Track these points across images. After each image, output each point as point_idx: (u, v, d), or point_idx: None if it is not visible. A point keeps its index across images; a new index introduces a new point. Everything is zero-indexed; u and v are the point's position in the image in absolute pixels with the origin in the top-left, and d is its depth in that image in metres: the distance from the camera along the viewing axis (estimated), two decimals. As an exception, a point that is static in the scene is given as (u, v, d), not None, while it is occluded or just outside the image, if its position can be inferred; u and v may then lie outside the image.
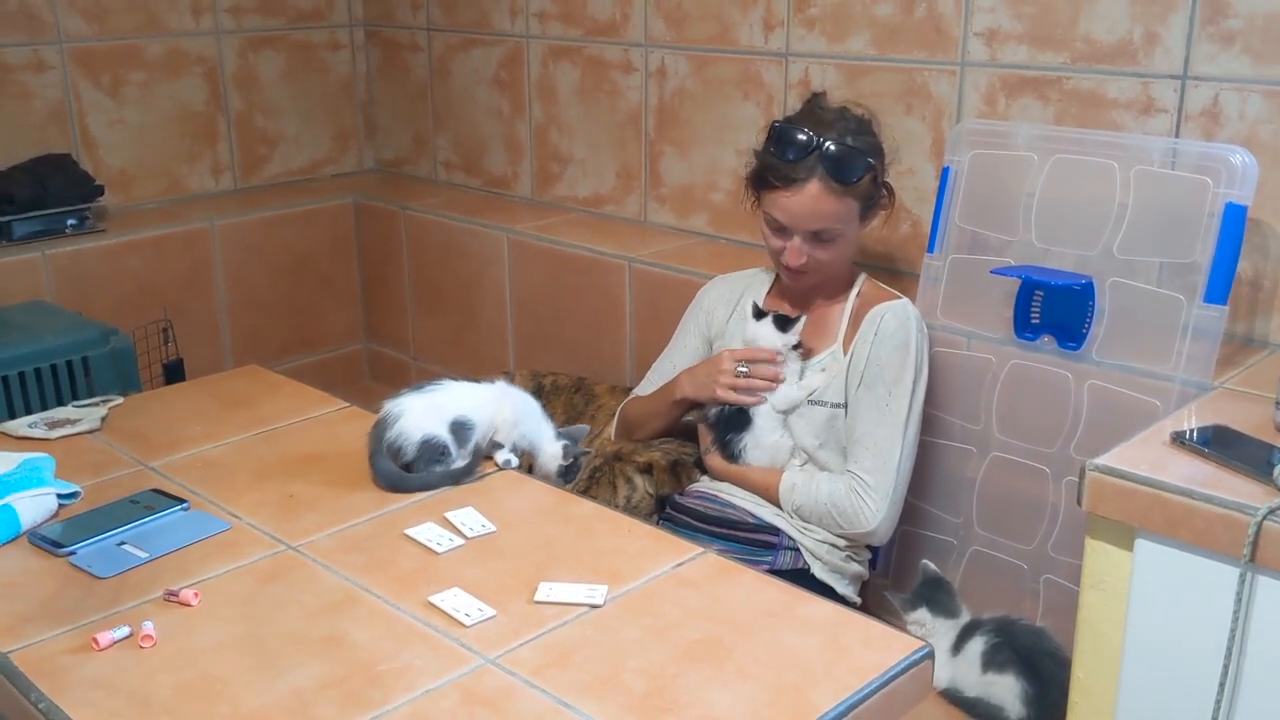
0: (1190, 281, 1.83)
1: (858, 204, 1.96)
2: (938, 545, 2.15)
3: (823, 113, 1.99)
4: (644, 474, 2.10)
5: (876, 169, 1.96)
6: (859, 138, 1.96)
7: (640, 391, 2.26)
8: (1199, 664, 1.46)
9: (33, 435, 1.81)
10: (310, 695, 1.19)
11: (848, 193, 1.93)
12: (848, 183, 1.92)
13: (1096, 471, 1.51)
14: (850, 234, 1.99)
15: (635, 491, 2.10)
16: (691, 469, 2.13)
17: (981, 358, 2.05)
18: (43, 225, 2.84)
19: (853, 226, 1.98)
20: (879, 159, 1.98)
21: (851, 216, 1.97)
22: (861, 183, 1.94)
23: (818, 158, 1.91)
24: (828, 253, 1.98)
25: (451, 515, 1.55)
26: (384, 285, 3.38)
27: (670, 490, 2.09)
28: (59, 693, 1.20)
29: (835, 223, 1.95)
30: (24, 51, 2.94)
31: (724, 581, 1.41)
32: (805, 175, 1.92)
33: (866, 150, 1.95)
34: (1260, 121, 1.90)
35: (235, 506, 1.59)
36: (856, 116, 2.00)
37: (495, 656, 1.25)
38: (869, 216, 2.02)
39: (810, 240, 1.96)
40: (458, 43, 3.25)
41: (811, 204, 1.92)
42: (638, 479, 2.10)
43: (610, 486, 2.10)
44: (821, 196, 1.92)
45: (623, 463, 2.12)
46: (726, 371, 2.02)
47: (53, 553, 1.47)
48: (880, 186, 2.00)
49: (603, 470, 2.12)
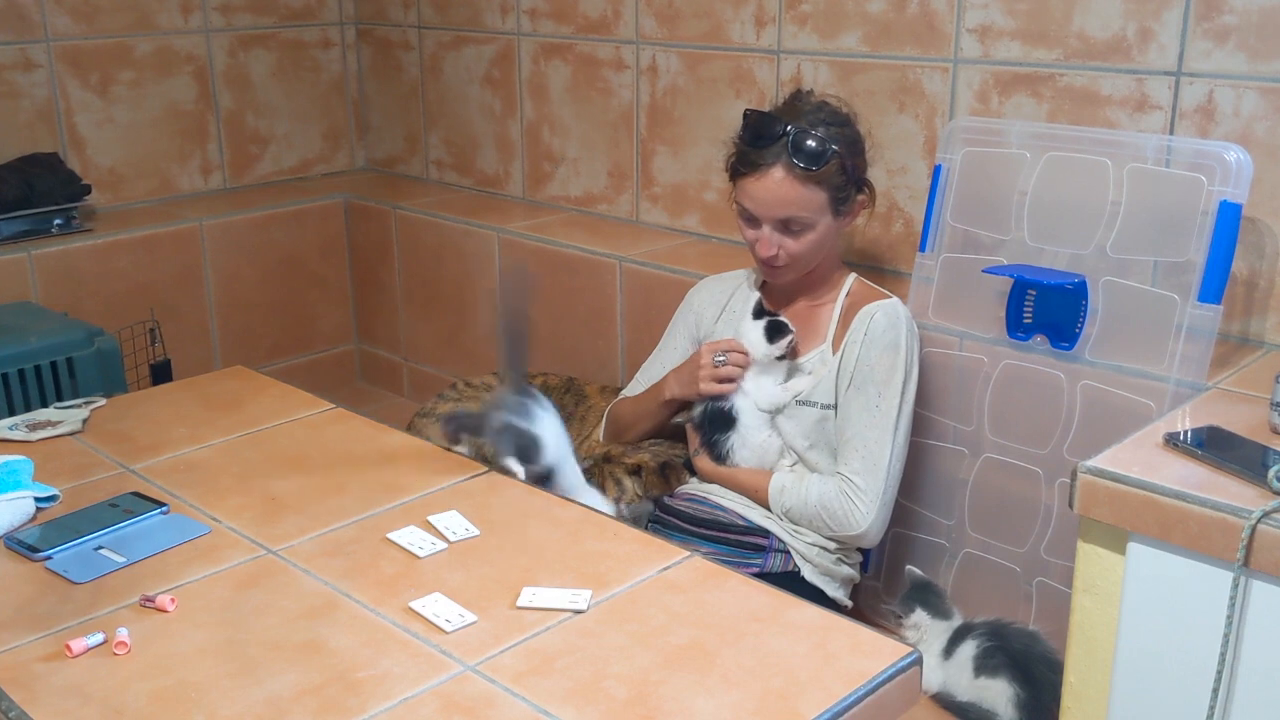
0: (1184, 281, 1.81)
1: (825, 194, 1.93)
2: (929, 548, 2.14)
3: (800, 104, 1.99)
4: (633, 475, 2.08)
5: (845, 160, 1.93)
6: (831, 129, 1.94)
7: (629, 393, 2.24)
8: (1192, 669, 1.44)
9: (12, 437, 1.79)
10: (287, 703, 1.17)
11: (812, 180, 1.90)
12: (811, 169, 1.90)
13: (1089, 474, 1.49)
14: (822, 227, 1.96)
15: (625, 493, 2.08)
16: (681, 470, 2.11)
17: (974, 358, 2.03)
18: (29, 225, 2.81)
19: (824, 219, 1.95)
20: (852, 152, 1.96)
21: (820, 208, 1.93)
22: (826, 170, 1.91)
23: (784, 144, 1.90)
24: (799, 245, 1.95)
25: (434, 519, 1.53)
26: (375, 285, 3.36)
27: (660, 492, 2.07)
28: (30, 702, 1.18)
29: (801, 211, 1.92)
30: (11, 50, 2.92)
31: (710, 586, 1.39)
32: (771, 160, 1.91)
33: (836, 139, 1.93)
34: (1255, 118, 1.88)
35: (216, 510, 1.57)
36: (834, 110, 1.99)
37: (475, 663, 1.23)
38: (845, 213, 1.99)
39: (781, 230, 1.94)
40: (449, 41, 3.23)
41: (776, 189, 1.91)
42: (626, 480, 2.08)
43: (599, 488, 2.08)
44: (785, 182, 1.91)
45: (611, 464, 2.10)
46: (705, 365, 2.01)
47: (29, 557, 1.45)
48: (853, 181, 1.98)
49: (591, 472, 2.10)
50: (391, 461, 1.72)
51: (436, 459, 1.73)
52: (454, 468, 1.70)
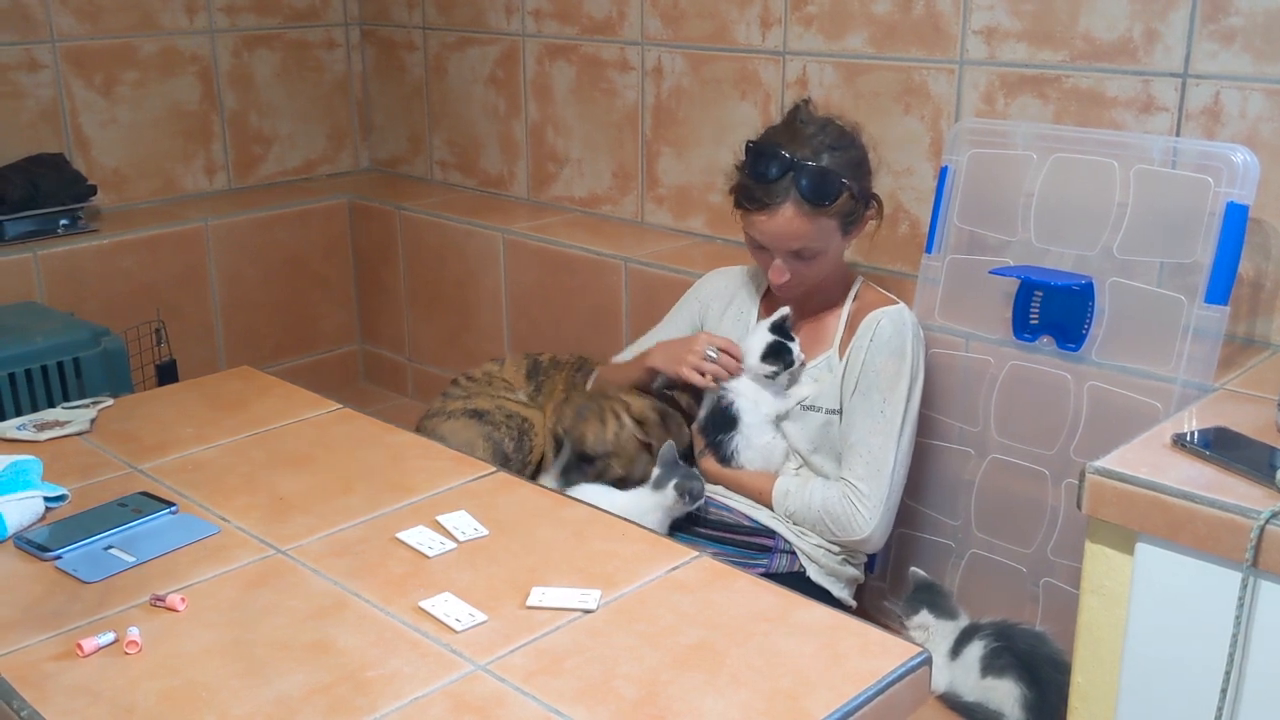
0: (1191, 282, 1.81)
1: (836, 222, 1.92)
2: (936, 548, 2.14)
3: (802, 126, 1.95)
4: (636, 422, 2.12)
5: (852, 187, 1.91)
6: (837, 154, 1.91)
7: (620, 359, 2.25)
8: (1200, 670, 1.44)
9: (21, 437, 1.79)
10: (296, 703, 1.17)
11: (822, 214, 1.90)
12: (822, 205, 1.89)
13: (1096, 474, 1.49)
14: (833, 249, 1.96)
15: (624, 429, 2.10)
16: (681, 422, 2.14)
17: (980, 359, 2.03)
18: (35, 225, 2.82)
19: (834, 242, 1.95)
20: (858, 175, 1.93)
21: (830, 234, 1.93)
22: (837, 203, 1.90)
23: (791, 180, 1.87)
24: (811, 268, 1.95)
25: (443, 519, 1.53)
26: (379, 286, 3.36)
27: (660, 440, 2.08)
28: (42, 701, 1.18)
29: (813, 242, 1.92)
30: (16, 50, 2.92)
31: (719, 586, 1.39)
32: (780, 199, 1.88)
33: (843, 168, 1.90)
34: (1262, 120, 1.88)
35: (225, 510, 1.58)
36: (838, 130, 1.95)
37: (486, 663, 1.23)
38: (853, 231, 1.98)
39: (791, 258, 1.94)
40: (453, 42, 3.23)
41: (786, 226, 1.89)
42: (626, 418, 2.11)
43: (599, 421, 2.10)
44: (796, 219, 1.89)
45: (612, 400, 2.12)
46: (696, 352, 2.01)
47: (39, 557, 1.45)
48: (862, 202, 1.95)
49: (590, 408, 2.11)
50: (399, 461, 1.72)
51: (444, 459, 1.74)
52: (462, 468, 1.70)
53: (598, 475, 2.09)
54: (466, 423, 2.35)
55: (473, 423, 2.34)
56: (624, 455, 2.10)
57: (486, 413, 2.37)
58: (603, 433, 2.09)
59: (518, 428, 2.34)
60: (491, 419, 2.35)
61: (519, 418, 2.36)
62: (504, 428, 2.33)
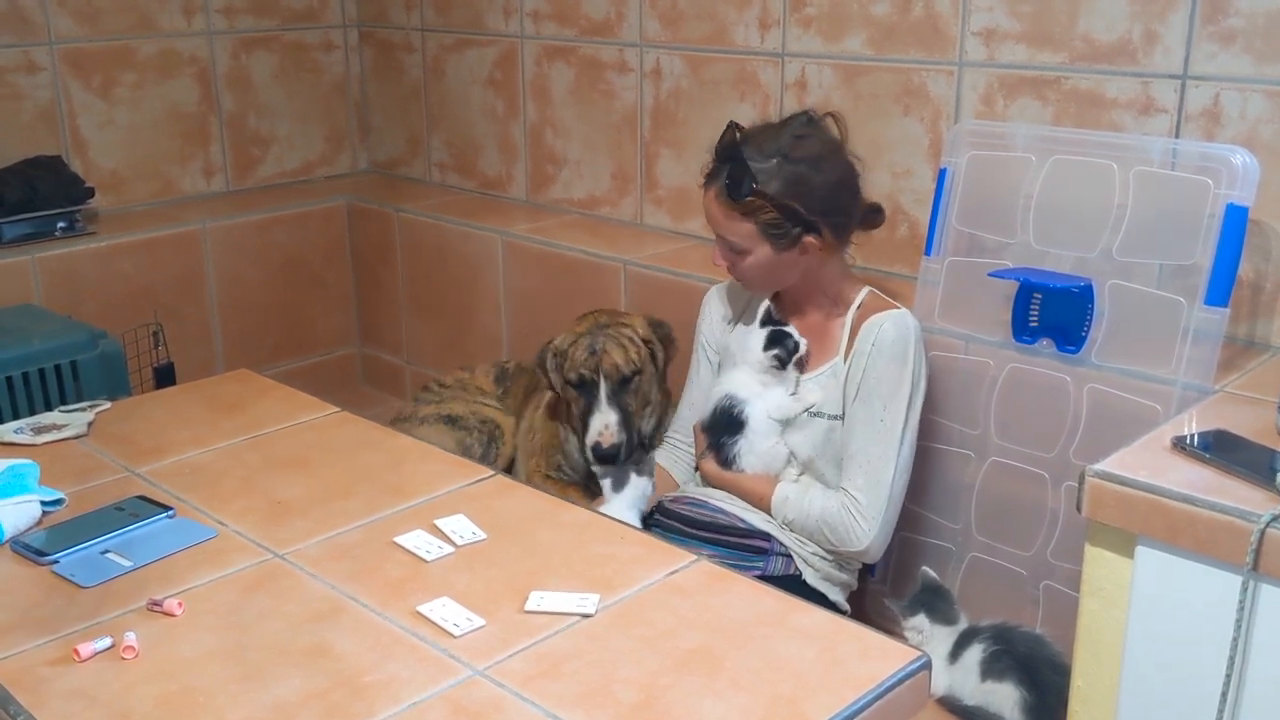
0: (1190, 284, 1.81)
1: (755, 228, 1.91)
2: (936, 551, 2.13)
3: (779, 129, 1.95)
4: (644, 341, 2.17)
5: (775, 200, 1.88)
6: (787, 165, 1.89)
7: (676, 432, 2.23)
8: (1200, 674, 1.44)
9: (18, 441, 1.78)
10: (293, 708, 1.17)
11: (736, 210, 1.91)
12: (731, 199, 1.90)
13: (1096, 477, 1.49)
14: (761, 255, 1.93)
15: (641, 348, 2.15)
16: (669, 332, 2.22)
17: (979, 361, 2.03)
18: (32, 228, 2.81)
19: (760, 248, 1.93)
20: (800, 194, 1.89)
21: (750, 237, 1.92)
22: (749, 205, 1.89)
23: (725, 168, 1.92)
24: (742, 263, 1.97)
25: (441, 523, 1.53)
26: (378, 288, 3.36)
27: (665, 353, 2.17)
28: (38, 705, 1.17)
29: (731, 235, 1.94)
30: (14, 53, 2.91)
31: (717, 590, 1.38)
32: (713, 180, 1.96)
33: (784, 181, 1.87)
34: (1261, 121, 1.88)
35: (222, 513, 1.57)
36: (815, 148, 1.92)
37: (484, 668, 1.23)
38: (786, 247, 1.92)
39: (725, 246, 1.98)
40: (451, 43, 3.23)
41: (710, 208, 1.97)
42: (637, 338, 2.16)
43: (619, 346, 2.14)
44: (715, 204, 1.95)
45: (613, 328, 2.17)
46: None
47: (35, 561, 1.45)
48: (793, 222, 1.90)
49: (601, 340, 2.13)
50: (398, 465, 1.72)
51: (442, 462, 1.73)
52: (460, 472, 1.70)
53: (638, 393, 2.15)
54: (439, 428, 2.41)
55: (446, 428, 2.41)
56: (645, 371, 2.16)
57: (460, 418, 2.43)
58: (628, 354, 2.13)
59: (488, 433, 2.42)
60: (465, 424, 2.42)
61: (491, 423, 2.45)
62: (475, 432, 2.41)
